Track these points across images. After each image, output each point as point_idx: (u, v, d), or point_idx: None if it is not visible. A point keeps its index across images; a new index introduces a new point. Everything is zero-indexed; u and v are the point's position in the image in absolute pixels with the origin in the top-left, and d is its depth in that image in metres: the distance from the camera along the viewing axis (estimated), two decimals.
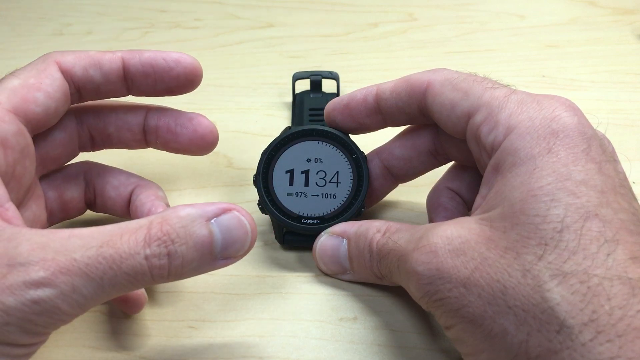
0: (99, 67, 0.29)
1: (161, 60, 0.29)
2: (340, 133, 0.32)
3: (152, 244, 0.22)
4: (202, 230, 0.23)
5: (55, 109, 0.28)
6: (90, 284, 0.21)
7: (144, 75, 0.29)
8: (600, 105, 0.45)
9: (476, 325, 0.22)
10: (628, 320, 0.19)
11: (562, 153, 0.23)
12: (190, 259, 0.23)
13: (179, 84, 0.30)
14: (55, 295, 0.20)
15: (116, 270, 0.21)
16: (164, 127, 0.32)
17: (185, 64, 0.30)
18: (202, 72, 0.30)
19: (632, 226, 0.21)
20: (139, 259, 0.22)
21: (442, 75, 0.28)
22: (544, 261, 0.21)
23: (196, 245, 0.23)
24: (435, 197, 0.32)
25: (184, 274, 0.23)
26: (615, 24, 0.55)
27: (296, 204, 0.32)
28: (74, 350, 0.28)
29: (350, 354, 0.28)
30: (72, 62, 0.28)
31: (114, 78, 0.29)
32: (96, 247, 0.21)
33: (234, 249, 0.24)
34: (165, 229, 0.22)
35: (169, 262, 0.22)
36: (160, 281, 0.23)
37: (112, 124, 0.32)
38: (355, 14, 0.57)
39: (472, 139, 0.27)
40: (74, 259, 0.21)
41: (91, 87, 0.29)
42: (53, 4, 0.60)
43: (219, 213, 0.24)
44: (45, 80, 0.27)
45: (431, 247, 0.24)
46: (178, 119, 0.32)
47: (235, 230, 0.24)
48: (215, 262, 0.24)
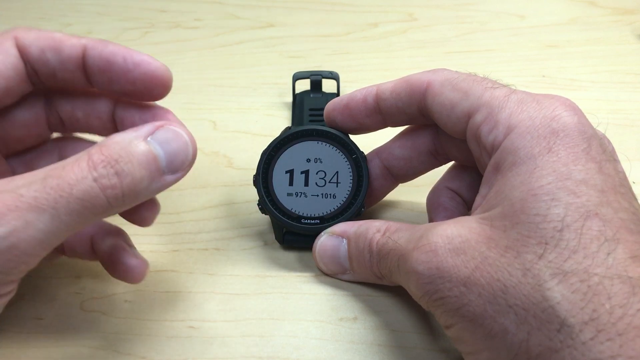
0: (57, 50, 0.26)
1: (120, 59, 0.26)
2: (340, 133, 0.32)
3: (97, 167, 0.22)
4: (142, 147, 0.24)
5: (5, 87, 0.26)
6: (43, 215, 0.21)
7: (100, 70, 0.26)
8: (600, 105, 0.45)
9: (476, 325, 0.22)
10: (628, 319, 0.19)
11: (562, 152, 0.23)
12: (139, 176, 0.23)
13: (136, 89, 0.27)
14: (8, 234, 0.20)
15: (67, 197, 0.21)
16: (129, 119, 0.29)
17: (145, 69, 0.26)
18: (169, 82, 0.27)
19: (632, 225, 0.21)
20: (88, 182, 0.22)
21: (442, 75, 0.28)
22: (544, 260, 0.21)
23: (140, 162, 0.23)
24: (435, 197, 0.32)
25: (138, 194, 0.23)
26: (615, 24, 0.55)
27: (296, 204, 0.32)
28: (74, 350, 0.28)
29: (350, 354, 0.28)
30: (30, 41, 0.26)
31: (71, 66, 0.27)
32: (40, 180, 0.21)
33: (178, 160, 0.25)
34: (106, 153, 0.22)
35: (120, 180, 0.22)
36: (116, 204, 0.23)
37: (80, 109, 0.29)
38: (355, 14, 0.57)
39: (472, 138, 0.27)
40: (20, 194, 0.21)
41: (46, 71, 0.27)
42: (53, 4, 0.60)
43: (152, 130, 0.24)
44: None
45: (431, 246, 0.24)
46: (143, 114, 0.28)
47: (174, 141, 0.25)
48: (164, 177, 0.24)
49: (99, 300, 0.31)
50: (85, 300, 0.31)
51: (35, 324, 0.30)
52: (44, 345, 0.29)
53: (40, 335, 0.29)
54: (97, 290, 0.31)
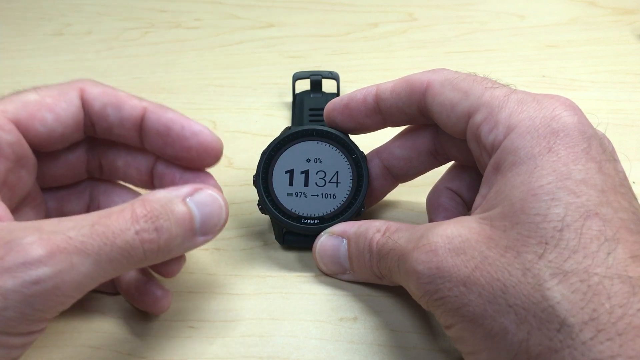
0: (119, 109, 0.28)
1: (179, 126, 0.28)
2: (340, 133, 0.32)
3: (139, 220, 0.23)
4: (181, 207, 0.25)
5: (61, 133, 0.27)
6: (88, 260, 0.21)
7: (158, 134, 0.28)
8: (600, 105, 0.45)
9: (476, 324, 0.22)
10: (628, 319, 0.19)
11: (562, 152, 0.23)
12: (175, 233, 0.24)
13: (189, 156, 0.28)
14: (55, 274, 0.20)
15: (110, 245, 0.22)
16: (170, 177, 0.30)
17: (202, 140, 0.28)
18: (221, 152, 0.28)
19: (632, 225, 0.21)
20: (130, 234, 0.22)
21: (441, 75, 0.28)
22: (544, 260, 0.21)
23: (178, 220, 0.24)
24: (435, 197, 0.32)
25: (171, 250, 0.24)
26: (615, 24, 0.55)
27: (296, 204, 0.32)
28: (73, 350, 0.28)
29: (350, 354, 0.28)
30: (95, 95, 0.28)
31: (129, 125, 0.28)
32: (88, 225, 0.22)
33: (211, 223, 0.26)
34: (148, 207, 0.23)
35: (158, 236, 0.23)
36: (150, 257, 0.23)
37: (121, 159, 0.30)
38: (355, 14, 0.58)
39: (472, 138, 0.27)
40: (69, 237, 0.21)
41: (104, 125, 0.28)
42: (53, 4, 0.60)
43: (192, 192, 0.26)
44: (61, 104, 0.27)
45: (431, 246, 0.24)
46: (184, 174, 0.30)
47: (210, 205, 0.26)
48: (196, 238, 0.25)
49: (99, 300, 0.31)
50: (85, 300, 0.31)
51: None
52: (44, 345, 0.29)
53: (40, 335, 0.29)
54: (97, 290, 0.31)
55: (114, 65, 0.51)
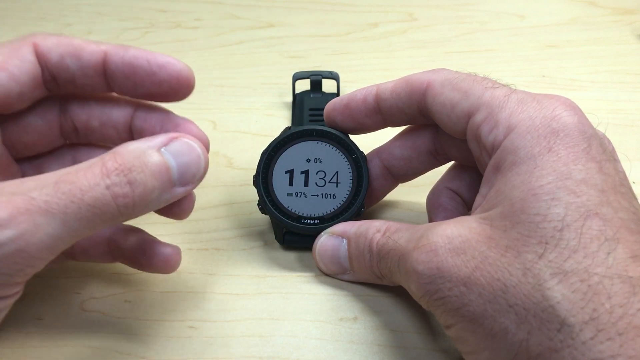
0: (77, 57, 0.26)
1: (144, 62, 0.26)
2: (340, 133, 0.32)
3: (110, 174, 0.22)
4: (156, 157, 0.24)
5: (19, 92, 0.25)
6: (54, 220, 0.21)
7: (124, 75, 0.26)
8: (600, 105, 0.45)
9: (477, 324, 0.22)
10: (628, 319, 0.19)
11: (563, 152, 0.23)
12: (151, 186, 0.23)
13: (161, 91, 0.27)
14: (18, 236, 0.20)
15: (78, 203, 0.21)
16: (149, 130, 0.28)
17: (171, 71, 0.26)
18: (193, 82, 0.27)
19: (633, 225, 0.21)
20: (100, 189, 0.22)
21: (442, 75, 0.28)
22: (544, 260, 0.21)
23: (153, 172, 0.23)
24: (435, 197, 0.32)
25: (148, 204, 0.23)
26: (615, 24, 0.55)
27: (296, 204, 0.32)
28: (73, 350, 0.28)
29: (350, 354, 0.28)
30: (50, 47, 0.26)
31: (91, 72, 0.26)
32: (52, 184, 0.21)
33: (189, 173, 0.25)
34: (120, 161, 0.22)
35: (132, 190, 0.22)
36: (126, 213, 0.23)
37: (96, 118, 0.29)
38: (355, 14, 0.57)
39: (472, 138, 0.27)
40: (31, 197, 0.20)
41: (66, 76, 0.26)
42: (53, 4, 0.60)
43: (167, 142, 0.25)
44: (14, 61, 0.25)
45: (431, 246, 0.24)
46: (164, 123, 0.28)
47: (187, 154, 0.25)
48: (174, 189, 0.25)
49: (99, 300, 0.31)
50: (85, 300, 0.31)
51: (35, 324, 0.30)
52: (44, 345, 0.29)
53: (40, 335, 0.29)
54: (97, 290, 0.31)
55: None
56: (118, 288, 0.31)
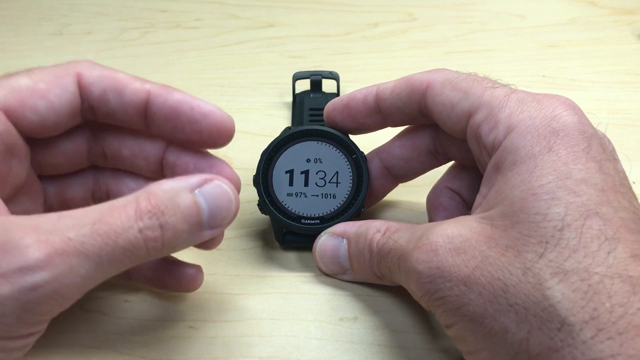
0: (120, 93, 0.26)
1: (188, 109, 0.26)
2: (340, 133, 0.32)
3: (143, 217, 0.22)
4: (188, 200, 0.23)
5: (55, 121, 0.25)
6: (88, 262, 0.20)
7: (165, 118, 0.26)
8: (600, 105, 0.45)
9: (477, 324, 0.22)
10: (629, 318, 0.19)
11: (563, 152, 0.23)
12: (180, 229, 0.23)
13: (200, 139, 0.26)
14: (53, 279, 0.20)
15: (112, 245, 0.21)
16: (182, 167, 0.28)
17: (214, 120, 0.26)
18: (233, 132, 0.27)
19: (633, 224, 0.21)
20: (133, 232, 0.21)
21: (441, 75, 0.28)
22: (544, 259, 0.21)
23: (185, 215, 0.23)
24: (435, 197, 0.32)
25: (176, 246, 0.23)
26: (615, 24, 0.55)
27: (296, 204, 0.32)
28: (73, 350, 0.28)
29: (350, 354, 0.28)
30: (94, 80, 0.26)
31: (132, 110, 0.26)
32: (89, 224, 0.21)
33: (220, 217, 0.25)
34: (153, 202, 0.22)
35: (162, 233, 0.22)
36: (154, 254, 0.23)
37: (127, 147, 0.28)
38: (355, 14, 0.58)
39: (472, 138, 0.27)
40: (68, 238, 0.20)
41: (106, 111, 0.26)
42: (53, 4, 0.60)
43: (201, 183, 0.24)
44: (55, 90, 0.25)
45: (431, 245, 0.24)
46: (198, 163, 0.28)
47: (219, 198, 0.24)
48: (203, 232, 0.24)
49: (99, 300, 0.31)
50: (85, 300, 0.31)
51: None
52: (44, 345, 0.28)
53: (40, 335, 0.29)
54: (97, 290, 0.31)
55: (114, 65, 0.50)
56: (118, 288, 0.31)
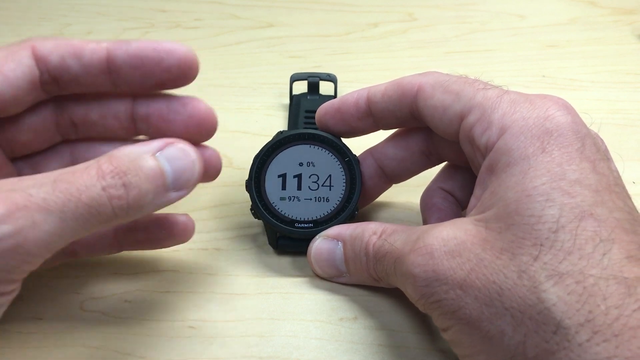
0: (78, 56, 0.26)
1: (151, 51, 0.26)
2: (332, 136, 0.32)
3: (106, 176, 0.22)
4: (150, 162, 0.24)
5: (13, 96, 0.25)
6: (51, 217, 0.21)
7: (132, 67, 0.26)
8: (600, 105, 0.45)
9: (473, 327, 0.22)
10: (624, 320, 0.19)
11: (556, 152, 0.23)
12: (145, 189, 0.23)
13: (171, 76, 0.27)
14: (16, 232, 0.20)
15: (75, 202, 0.21)
16: (156, 114, 0.28)
17: (178, 55, 0.26)
18: (197, 64, 0.27)
19: (627, 225, 0.21)
20: (96, 190, 0.22)
21: (432, 78, 0.28)
22: (539, 262, 0.21)
23: (148, 176, 0.23)
24: (429, 198, 0.32)
25: (142, 207, 0.24)
26: (615, 24, 0.55)
27: (289, 208, 0.32)
28: (73, 350, 0.29)
29: (350, 354, 0.28)
30: (49, 49, 0.26)
31: (95, 70, 0.26)
32: (50, 182, 0.21)
33: (183, 178, 0.25)
34: (115, 163, 0.23)
35: (126, 192, 0.23)
36: (120, 215, 0.23)
37: (94, 111, 0.28)
38: (355, 14, 0.57)
39: (465, 140, 0.27)
40: (29, 194, 0.21)
41: (68, 77, 0.26)
42: (53, 4, 0.60)
43: (162, 147, 0.25)
44: (9, 64, 0.25)
45: (427, 248, 0.24)
46: (170, 105, 0.28)
47: (181, 160, 0.25)
48: (168, 194, 0.25)
49: (99, 300, 0.31)
50: (85, 300, 0.31)
51: (35, 324, 0.30)
52: (44, 345, 0.29)
53: (40, 335, 0.29)
54: (97, 290, 0.31)
55: None
56: (118, 288, 0.31)
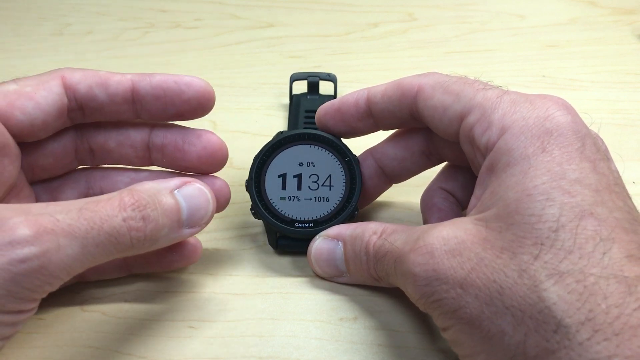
0: (104, 86, 0.28)
1: (172, 83, 0.29)
2: (332, 136, 0.32)
3: (127, 208, 0.23)
4: (169, 198, 0.25)
5: (43, 121, 0.27)
6: (75, 243, 0.22)
7: (154, 98, 0.29)
8: (600, 105, 0.45)
9: (474, 327, 0.22)
10: (625, 319, 0.19)
11: (556, 152, 0.23)
12: (162, 224, 0.25)
13: (190, 107, 0.29)
14: (41, 253, 0.21)
15: (98, 230, 0.22)
16: (171, 144, 0.30)
17: (197, 88, 0.29)
18: (214, 96, 0.29)
19: (627, 224, 0.21)
20: (118, 220, 0.23)
21: (432, 78, 0.28)
22: (540, 261, 0.21)
23: (165, 211, 0.25)
24: (429, 198, 0.32)
25: (157, 240, 0.25)
26: (615, 24, 0.55)
27: (289, 208, 0.32)
28: (74, 350, 0.29)
29: (350, 354, 0.28)
30: (78, 79, 0.28)
31: (119, 100, 0.29)
32: (76, 209, 0.22)
33: (198, 216, 0.27)
34: (136, 196, 0.24)
35: (145, 224, 0.24)
36: (137, 245, 0.24)
37: (113, 139, 0.30)
38: (355, 14, 0.58)
39: (465, 140, 0.27)
40: (56, 219, 0.21)
41: (94, 105, 0.28)
42: (53, 4, 0.60)
43: (180, 185, 0.26)
44: (42, 92, 0.27)
45: (427, 248, 0.24)
46: (186, 137, 0.30)
47: (198, 198, 0.27)
48: (182, 230, 0.26)
49: (99, 300, 0.31)
50: (85, 300, 0.31)
51: (35, 324, 0.30)
52: (44, 345, 0.29)
53: (40, 335, 0.29)
54: (97, 290, 0.31)
55: (114, 65, 0.51)
56: (118, 288, 0.31)
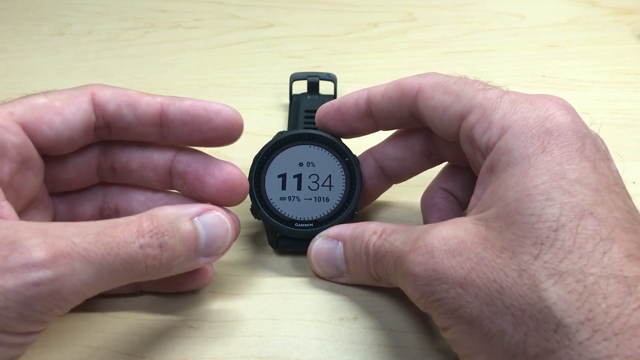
0: (133, 107, 0.28)
1: (201, 110, 0.28)
2: (332, 137, 0.32)
3: (145, 235, 0.23)
4: (188, 226, 0.25)
5: (69, 137, 0.27)
6: (90, 268, 0.21)
7: (182, 123, 0.28)
8: (600, 105, 0.45)
9: (473, 326, 0.22)
10: (624, 319, 0.19)
11: (556, 152, 0.23)
12: (178, 252, 0.24)
13: (217, 135, 0.29)
14: (56, 278, 0.21)
15: (114, 256, 0.22)
16: (193, 173, 0.30)
17: (225, 116, 0.28)
18: (242, 125, 0.29)
19: (627, 224, 0.21)
20: (134, 247, 0.23)
21: (432, 79, 0.28)
22: (539, 260, 0.21)
23: (183, 239, 0.25)
24: (429, 198, 0.32)
25: (172, 268, 0.25)
26: (615, 24, 0.55)
27: (289, 208, 0.32)
28: (73, 350, 0.29)
29: (350, 354, 0.28)
30: (108, 98, 0.28)
31: (147, 122, 0.28)
32: (94, 234, 0.22)
33: (215, 245, 0.26)
34: (155, 223, 0.24)
35: (161, 252, 0.24)
36: (151, 272, 0.24)
37: (136, 160, 0.30)
38: (355, 14, 0.58)
39: (465, 140, 0.27)
40: (73, 243, 0.21)
41: (122, 125, 0.28)
42: (53, 4, 0.60)
43: (201, 212, 0.26)
44: (71, 107, 0.27)
45: (427, 247, 0.24)
46: (208, 167, 0.29)
47: (217, 227, 0.26)
48: (198, 259, 0.26)
49: (99, 300, 0.31)
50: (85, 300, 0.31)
51: None
52: (44, 345, 0.29)
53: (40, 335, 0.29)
54: None
55: (114, 65, 0.51)
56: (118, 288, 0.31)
